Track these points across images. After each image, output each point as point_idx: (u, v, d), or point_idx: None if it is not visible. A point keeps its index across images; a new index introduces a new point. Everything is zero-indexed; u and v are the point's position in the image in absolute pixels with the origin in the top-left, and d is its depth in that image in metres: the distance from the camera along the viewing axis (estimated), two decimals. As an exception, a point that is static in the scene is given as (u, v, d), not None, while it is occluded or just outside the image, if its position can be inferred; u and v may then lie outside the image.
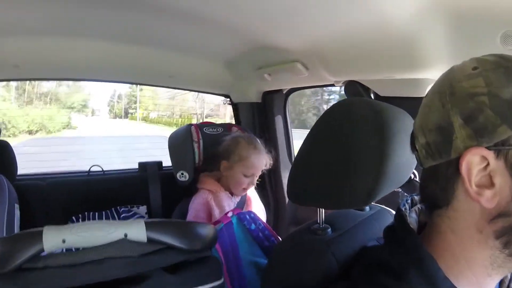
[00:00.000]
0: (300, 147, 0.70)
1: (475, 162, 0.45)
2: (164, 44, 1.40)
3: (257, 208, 1.56)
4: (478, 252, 0.48)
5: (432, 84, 0.54)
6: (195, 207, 1.41)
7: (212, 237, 0.78)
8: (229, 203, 1.44)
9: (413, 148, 0.54)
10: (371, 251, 0.63)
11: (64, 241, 0.62)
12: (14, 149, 1.52)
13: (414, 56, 0.93)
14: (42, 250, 0.61)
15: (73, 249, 0.67)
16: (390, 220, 0.87)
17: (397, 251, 0.52)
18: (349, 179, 0.61)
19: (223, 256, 1.13)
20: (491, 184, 0.45)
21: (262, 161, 1.44)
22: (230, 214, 1.23)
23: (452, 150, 0.46)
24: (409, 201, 0.61)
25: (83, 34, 1.27)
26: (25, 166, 1.81)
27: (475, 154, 0.44)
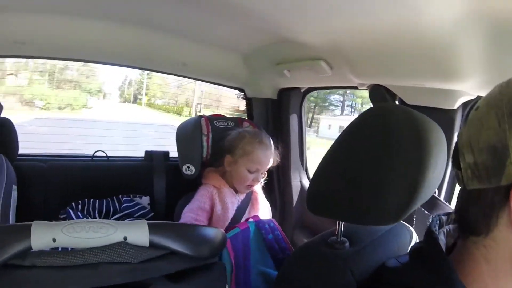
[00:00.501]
0: (326, 154, 0.65)
1: None
2: (179, 30, 1.35)
3: (263, 208, 1.52)
4: (510, 286, 0.45)
5: (464, 97, 0.49)
6: (199, 198, 1.39)
7: (220, 242, 0.72)
8: (233, 200, 1.41)
9: (456, 165, 0.49)
10: (392, 272, 0.58)
11: (54, 240, 0.56)
12: (20, 127, 1.46)
13: (449, 65, 0.86)
14: (30, 248, 0.55)
15: (69, 248, 0.61)
16: (407, 236, 0.84)
17: (425, 276, 0.49)
18: (381, 194, 0.56)
19: (234, 262, 1.10)
20: None
21: (268, 156, 1.39)
22: (250, 221, 1.21)
23: (503, 176, 0.42)
24: (438, 222, 0.58)
25: (93, 14, 1.23)
26: (27, 147, 1.76)
27: None
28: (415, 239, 0.84)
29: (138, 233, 0.60)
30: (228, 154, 1.40)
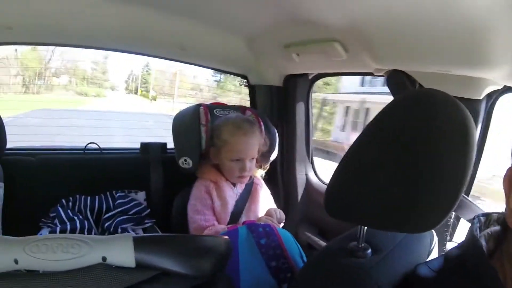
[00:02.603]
0: (349, 149, 0.57)
1: None
2: (176, 9, 1.23)
3: (264, 200, 1.45)
4: None
5: (491, 86, 0.44)
6: (197, 195, 1.33)
7: (224, 253, 0.61)
8: (231, 194, 1.35)
9: None
10: (427, 283, 0.53)
11: (16, 262, 0.44)
12: (13, 120, 1.35)
13: (480, 51, 0.78)
14: None
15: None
16: (428, 238, 0.76)
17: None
18: (422, 197, 0.49)
19: None
20: None
21: (249, 143, 1.32)
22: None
23: None
24: (478, 224, 0.53)
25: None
26: (17, 140, 1.65)
27: None
28: (435, 240, 0.79)
29: (120, 252, 0.48)
30: (212, 146, 1.35)
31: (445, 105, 0.50)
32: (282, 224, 1.39)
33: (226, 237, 0.65)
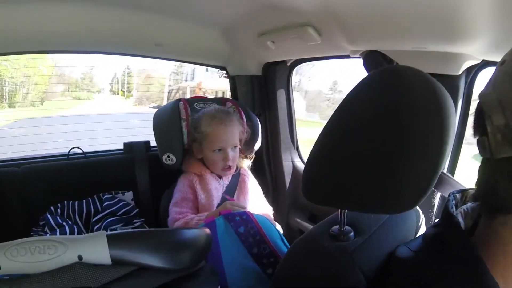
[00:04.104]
0: (323, 130, 0.55)
1: None
2: (149, 6, 1.19)
3: (252, 191, 1.45)
4: None
5: (469, 61, 0.45)
6: (179, 188, 1.35)
7: (204, 245, 0.61)
8: (217, 187, 1.35)
9: (480, 131, 0.43)
10: (405, 264, 0.51)
11: None
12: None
13: (455, 25, 0.77)
14: None
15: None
16: (414, 217, 0.76)
17: (447, 267, 0.43)
18: (398, 176, 0.47)
19: None
20: None
21: (228, 132, 1.33)
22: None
23: None
24: (454, 201, 0.52)
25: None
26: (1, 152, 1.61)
27: None
28: (422, 218, 0.78)
29: (95, 249, 0.48)
30: (194, 142, 1.36)
31: (415, 80, 0.49)
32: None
33: (206, 228, 0.65)
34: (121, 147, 1.67)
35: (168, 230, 0.75)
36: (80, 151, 1.59)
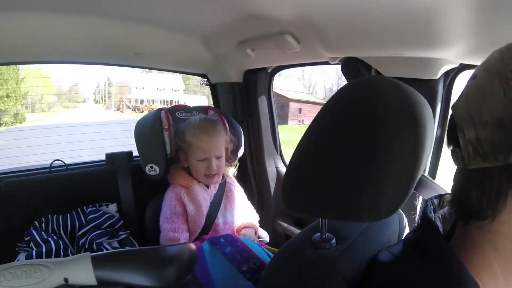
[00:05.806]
0: (301, 141, 0.55)
1: None
2: (128, 15, 1.18)
3: (239, 200, 1.46)
4: None
5: (447, 65, 0.45)
6: (167, 203, 1.33)
7: (189, 260, 0.61)
8: (205, 197, 1.34)
9: (454, 143, 0.44)
10: (386, 268, 0.52)
11: None
12: None
13: (432, 31, 0.79)
14: None
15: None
16: (397, 221, 0.76)
17: (426, 271, 0.44)
18: (375, 185, 0.47)
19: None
20: None
21: (212, 141, 1.32)
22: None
23: None
24: (432, 206, 0.54)
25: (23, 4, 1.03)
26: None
27: None
28: (405, 222, 0.79)
29: (80, 271, 0.49)
30: (180, 151, 1.35)
31: (389, 89, 0.49)
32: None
33: (191, 244, 0.65)
34: (103, 158, 1.64)
35: (152, 248, 0.75)
36: (62, 164, 1.56)
